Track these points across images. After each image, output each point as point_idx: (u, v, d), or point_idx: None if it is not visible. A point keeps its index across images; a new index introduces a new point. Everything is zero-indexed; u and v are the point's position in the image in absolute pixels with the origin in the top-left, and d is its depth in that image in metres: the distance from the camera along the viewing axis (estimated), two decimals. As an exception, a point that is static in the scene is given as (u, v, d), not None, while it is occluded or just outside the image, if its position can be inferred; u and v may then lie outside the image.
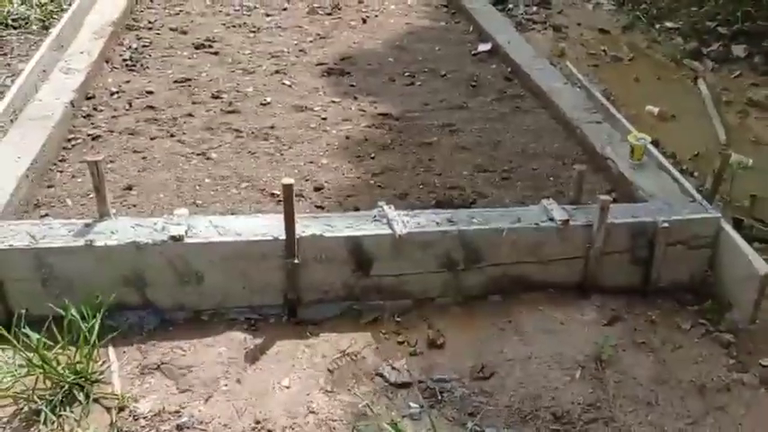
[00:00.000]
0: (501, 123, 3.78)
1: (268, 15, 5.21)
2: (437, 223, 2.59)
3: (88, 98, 3.82)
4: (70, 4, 4.83)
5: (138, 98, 3.89)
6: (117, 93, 3.93)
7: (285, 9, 5.34)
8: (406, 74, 4.36)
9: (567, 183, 3.11)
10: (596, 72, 4.73)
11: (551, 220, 2.61)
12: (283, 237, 2.41)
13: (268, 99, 3.93)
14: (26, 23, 4.93)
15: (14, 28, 4.89)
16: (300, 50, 4.63)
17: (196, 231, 2.46)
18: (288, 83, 4.16)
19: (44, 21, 4.94)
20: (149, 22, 4.95)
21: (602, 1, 5.97)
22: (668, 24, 5.37)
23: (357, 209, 2.92)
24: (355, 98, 4.02)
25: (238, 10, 5.28)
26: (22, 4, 5.20)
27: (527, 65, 4.26)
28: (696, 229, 2.65)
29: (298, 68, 4.36)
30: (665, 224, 2.59)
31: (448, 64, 4.50)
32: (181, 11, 5.22)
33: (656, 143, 3.63)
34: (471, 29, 5.07)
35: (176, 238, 2.39)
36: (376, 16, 5.30)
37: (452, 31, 5.11)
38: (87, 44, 4.26)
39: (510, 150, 3.51)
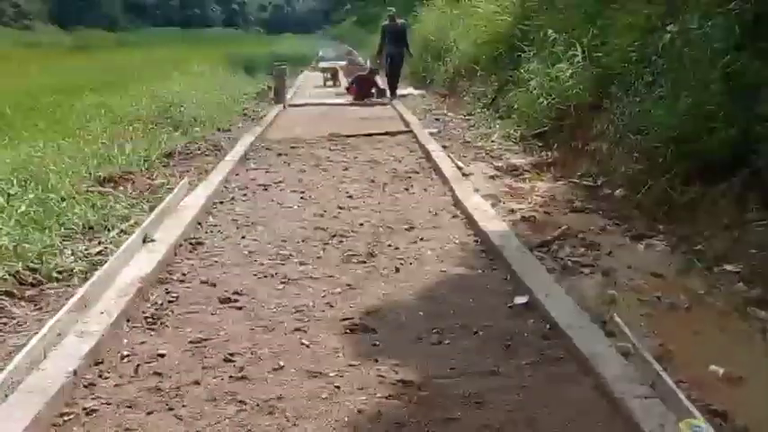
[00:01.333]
0: (537, 394, 3.33)
1: (302, 264, 5.15)
2: None
3: (97, 363, 3.66)
4: (116, 255, 4.92)
5: (147, 362, 3.70)
6: (128, 356, 3.76)
7: (320, 257, 5.30)
8: (435, 330, 4.05)
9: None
10: (650, 322, 4.27)
11: None
12: None
13: (281, 363, 3.67)
14: (69, 276, 5.01)
15: (57, 281, 4.96)
16: (327, 303, 4.45)
17: None
18: (306, 342, 3.91)
19: (86, 273, 5.02)
20: (182, 275, 4.95)
21: (653, 242, 5.67)
22: (728, 267, 4.94)
23: None
24: (376, 360, 3.70)
25: (274, 259, 5.27)
26: (71, 254, 5.36)
27: (567, 323, 3.88)
28: None
29: (320, 325, 4.14)
30: None
31: (481, 318, 4.18)
32: (216, 261, 5.24)
33: (723, 415, 3.08)
34: (508, 277, 4.82)
35: None
36: (411, 263, 5.15)
37: (488, 279, 4.87)
38: (110, 303, 4.22)
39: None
